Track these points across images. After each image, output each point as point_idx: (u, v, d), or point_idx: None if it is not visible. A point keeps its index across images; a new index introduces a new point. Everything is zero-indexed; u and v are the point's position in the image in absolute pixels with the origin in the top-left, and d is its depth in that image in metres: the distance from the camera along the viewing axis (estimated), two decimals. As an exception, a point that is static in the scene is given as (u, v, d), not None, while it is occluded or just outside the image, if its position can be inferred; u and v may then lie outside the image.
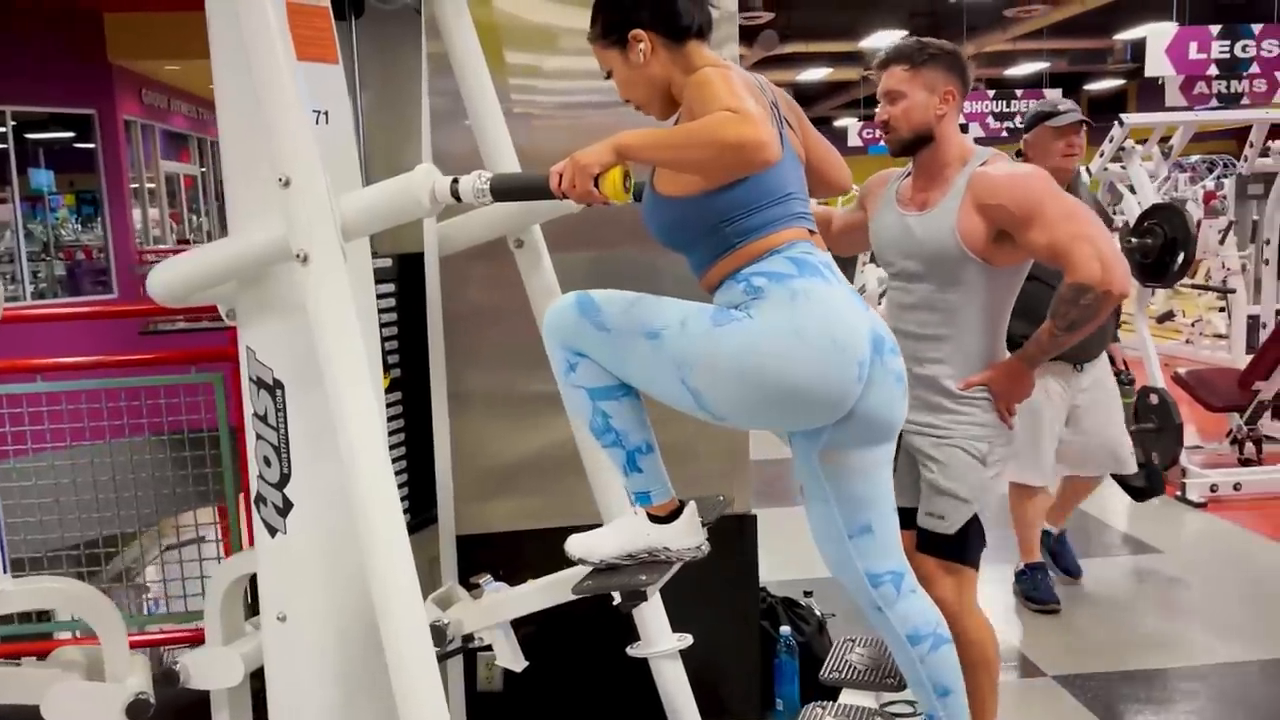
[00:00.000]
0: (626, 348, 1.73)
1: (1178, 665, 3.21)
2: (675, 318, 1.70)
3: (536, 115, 2.49)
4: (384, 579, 1.61)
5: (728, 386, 1.68)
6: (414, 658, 1.60)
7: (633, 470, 1.81)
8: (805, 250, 1.72)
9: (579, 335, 1.76)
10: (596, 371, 1.76)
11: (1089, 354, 3.44)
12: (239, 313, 1.86)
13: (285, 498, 1.84)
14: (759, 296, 1.67)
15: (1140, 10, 13.68)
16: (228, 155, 1.81)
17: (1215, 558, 4.26)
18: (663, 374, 1.71)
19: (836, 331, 1.65)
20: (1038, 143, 3.35)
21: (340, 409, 1.61)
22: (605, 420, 1.78)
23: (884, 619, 1.80)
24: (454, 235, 2.20)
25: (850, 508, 1.77)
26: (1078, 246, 2.13)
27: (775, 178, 1.71)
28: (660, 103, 1.80)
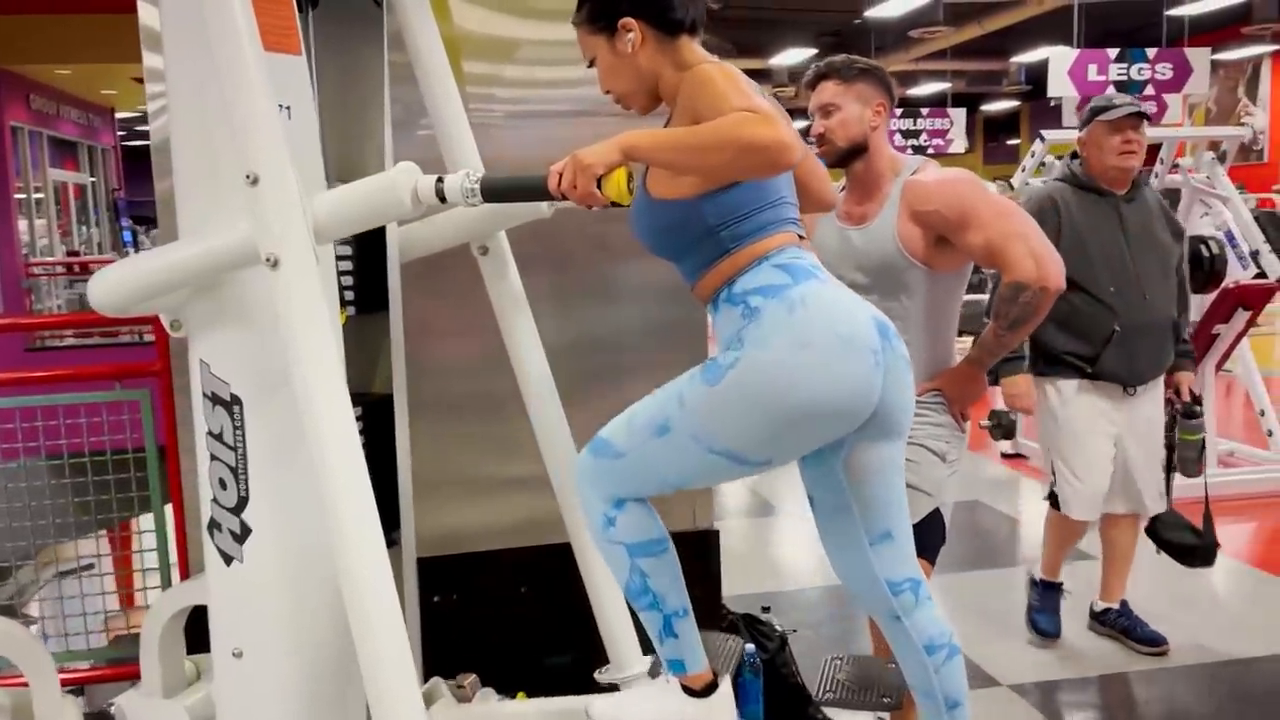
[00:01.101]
0: (648, 457, 1.67)
1: (1134, 669, 3.25)
2: (672, 403, 1.65)
3: (494, 125, 2.40)
4: (364, 606, 1.49)
5: (755, 430, 1.61)
6: (398, 692, 1.48)
7: (668, 636, 1.73)
8: (794, 255, 1.67)
9: (605, 476, 1.70)
10: (636, 524, 1.70)
11: (1138, 376, 3.12)
12: (190, 323, 1.72)
13: (243, 523, 1.70)
14: (755, 318, 1.61)
15: (1034, 35, 14.21)
16: (180, 152, 1.67)
17: (1147, 562, 4.35)
18: (693, 457, 1.64)
19: (841, 328, 1.60)
20: (1092, 140, 3.12)
21: (315, 426, 1.49)
22: (643, 581, 1.71)
23: (901, 629, 1.76)
24: (415, 240, 2.08)
25: (871, 514, 1.73)
26: (1012, 245, 2.20)
27: (771, 181, 1.66)
28: (644, 97, 1.73)
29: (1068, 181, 3.19)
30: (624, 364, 2.62)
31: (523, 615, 2.59)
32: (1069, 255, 2.80)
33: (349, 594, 1.48)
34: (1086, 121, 3.17)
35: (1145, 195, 3.22)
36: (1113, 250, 3.07)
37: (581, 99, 2.51)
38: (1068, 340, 2.97)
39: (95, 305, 1.70)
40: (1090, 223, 3.09)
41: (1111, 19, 13.13)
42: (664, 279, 2.61)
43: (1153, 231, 3.15)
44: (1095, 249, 3.05)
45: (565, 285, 2.52)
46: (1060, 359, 3.07)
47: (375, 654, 1.48)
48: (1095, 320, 3.04)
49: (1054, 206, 3.09)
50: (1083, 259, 3.00)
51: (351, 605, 1.49)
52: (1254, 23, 14.21)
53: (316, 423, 1.48)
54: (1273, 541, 4.63)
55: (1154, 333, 3.11)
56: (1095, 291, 3.03)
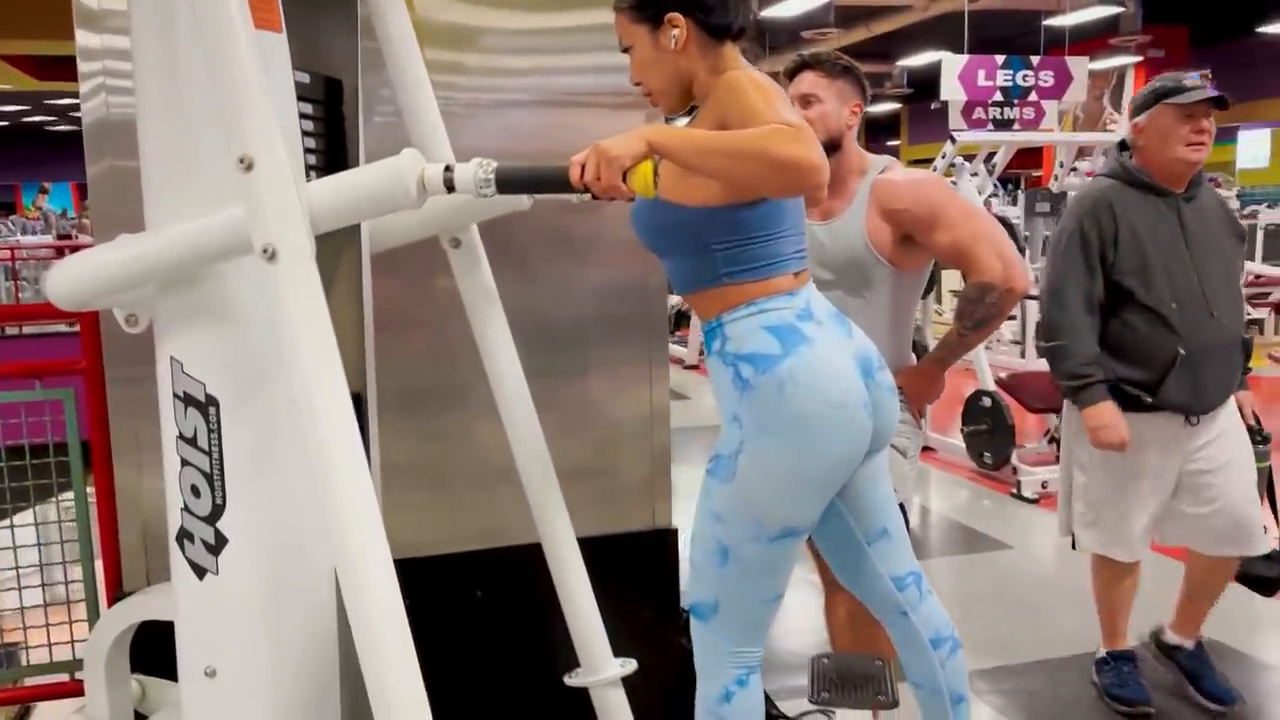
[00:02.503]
0: (735, 589, 1.70)
1: (1056, 656, 3.35)
2: (711, 526, 1.68)
3: (458, 114, 2.32)
4: (369, 616, 1.40)
5: (790, 499, 1.65)
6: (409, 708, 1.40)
7: None
8: (784, 305, 1.66)
9: (722, 635, 1.72)
10: (751, 708, 1.72)
11: (1205, 403, 2.68)
12: (161, 319, 1.59)
13: (218, 533, 1.59)
14: (747, 394, 1.64)
15: (918, 40, 14.70)
16: (149, 134, 1.54)
17: (1061, 551, 4.53)
18: (759, 559, 1.67)
19: (832, 394, 1.63)
20: (1156, 127, 2.64)
21: (317, 429, 1.39)
22: None
23: (908, 624, 1.77)
24: (385, 231, 1.97)
25: (865, 516, 1.75)
26: (979, 246, 2.24)
27: (778, 211, 1.65)
28: (675, 95, 1.69)
29: (1118, 178, 2.72)
30: (580, 361, 2.58)
31: (478, 621, 2.52)
32: (1124, 266, 2.63)
33: (353, 604, 1.39)
34: (1146, 105, 2.68)
35: (1204, 194, 2.75)
36: (1175, 259, 2.63)
37: (543, 88, 2.47)
38: (1122, 366, 2.64)
39: (55, 300, 1.55)
40: (1148, 227, 2.64)
41: (987, 27, 13.68)
42: (622, 275, 2.59)
43: (1216, 236, 2.71)
44: (1155, 258, 2.62)
45: (520, 280, 2.46)
46: (1116, 387, 2.66)
47: (381, 665, 1.40)
48: (1155, 342, 2.63)
49: (1108, 208, 2.66)
50: (1140, 271, 2.62)
51: (356, 616, 1.40)
52: (1121, 35, 15.02)
53: (319, 425, 1.38)
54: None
55: (1222, 354, 2.67)
56: (1156, 308, 2.62)
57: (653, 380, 2.62)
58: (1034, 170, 16.68)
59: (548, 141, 2.41)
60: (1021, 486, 5.10)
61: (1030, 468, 5.24)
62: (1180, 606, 2.98)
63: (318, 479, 1.39)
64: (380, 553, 1.40)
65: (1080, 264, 2.65)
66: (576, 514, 2.09)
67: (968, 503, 5.16)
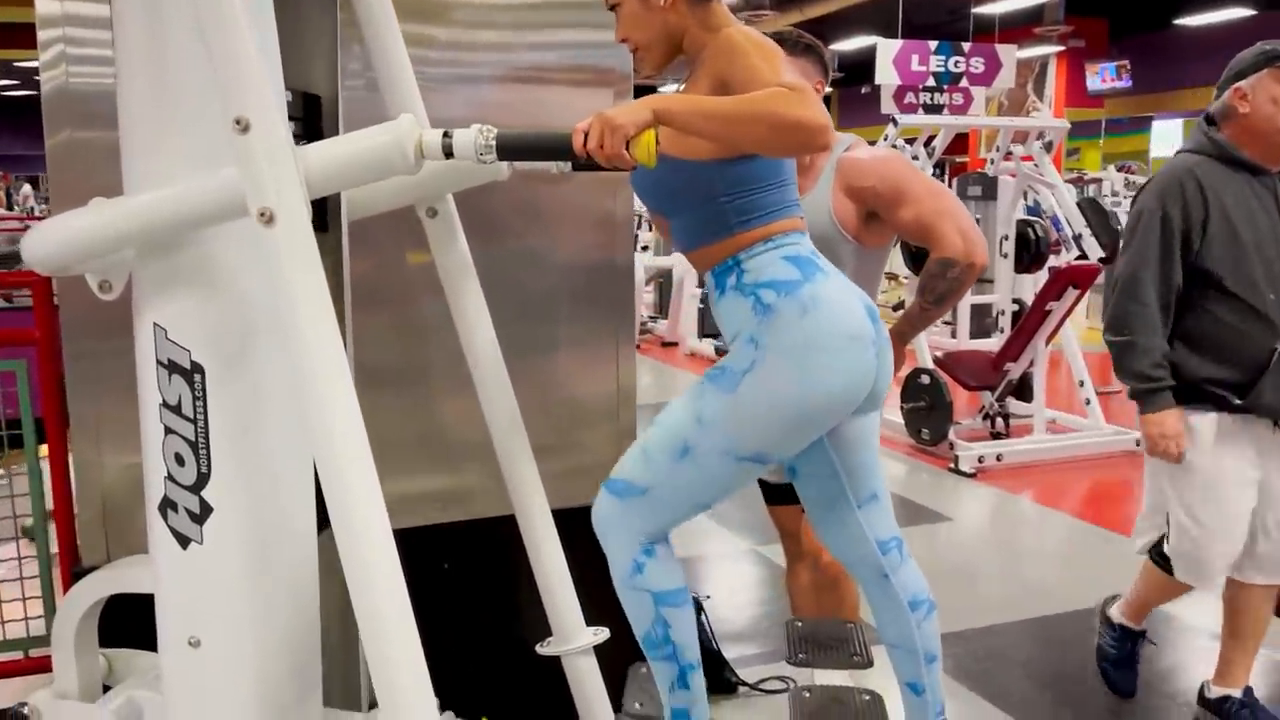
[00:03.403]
0: (675, 485, 1.67)
1: (997, 622, 3.47)
2: (688, 423, 1.65)
3: (432, 90, 2.30)
4: (371, 583, 1.40)
5: (776, 430, 1.64)
6: (409, 685, 1.41)
7: (680, 687, 1.73)
8: (796, 241, 1.70)
9: (635, 516, 1.69)
10: (665, 572, 1.69)
11: None
12: (142, 285, 1.55)
13: (203, 501, 1.57)
14: (769, 317, 1.64)
15: (851, 24, 14.87)
16: (131, 96, 1.50)
17: (998, 523, 4.69)
18: (719, 471, 1.66)
19: (850, 327, 1.65)
20: (1265, 93, 2.38)
21: (316, 396, 1.37)
22: (665, 631, 1.70)
23: (888, 586, 1.81)
24: (360, 200, 1.96)
25: (857, 479, 1.78)
26: (942, 222, 2.28)
27: (782, 160, 1.67)
28: (664, 52, 1.70)
29: (1205, 153, 2.47)
30: (548, 335, 2.58)
31: (446, 593, 2.52)
32: (1213, 251, 2.37)
33: (353, 570, 1.39)
34: (1253, 69, 2.41)
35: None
36: (1271, 244, 2.39)
37: (510, 63, 2.46)
38: (1208, 364, 2.39)
39: (33, 264, 1.51)
40: (1242, 209, 2.40)
41: (918, 13, 13.90)
42: (590, 253, 2.60)
43: None
44: (1250, 244, 2.38)
45: (489, 253, 2.45)
46: (1197, 388, 2.42)
47: (380, 628, 1.40)
48: (1249, 338, 2.38)
49: (1196, 186, 2.41)
50: (1233, 257, 2.38)
51: (355, 581, 1.39)
52: (1045, 24, 15.40)
53: (319, 392, 1.37)
54: (1093, 498, 5.06)
55: None
56: (1251, 300, 2.37)
57: (619, 358, 2.64)
58: (959, 156, 17.04)
59: (515, 117, 2.41)
60: (959, 461, 5.25)
61: (967, 443, 5.40)
62: (1224, 655, 2.69)
63: (317, 446, 1.38)
64: (380, 519, 1.40)
65: (1159, 249, 2.40)
66: (547, 488, 2.10)
67: (907, 477, 5.30)
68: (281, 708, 1.67)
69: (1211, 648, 3.27)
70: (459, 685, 2.18)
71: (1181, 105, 17.84)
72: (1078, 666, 3.13)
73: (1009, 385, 5.55)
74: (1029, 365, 5.48)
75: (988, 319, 7.16)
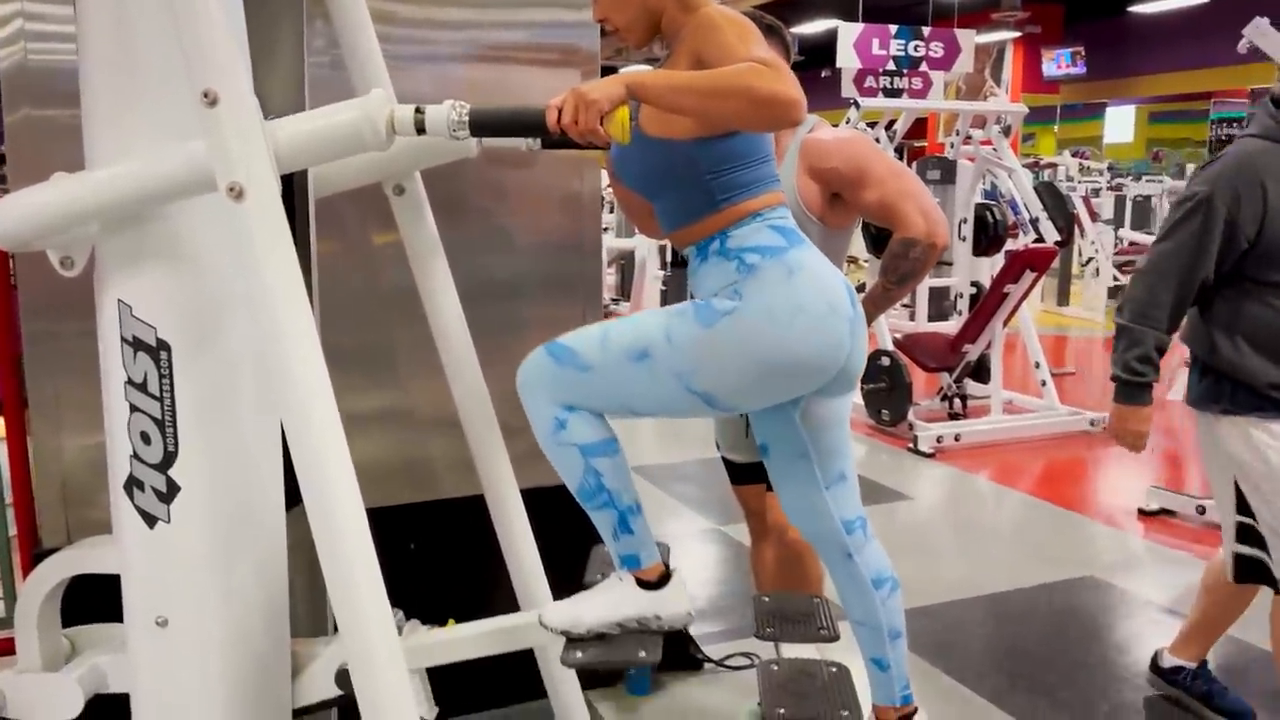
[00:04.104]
0: (617, 379, 1.63)
1: (956, 598, 3.53)
2: (657, 334, 1.63)
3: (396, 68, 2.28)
4: (342, 558, 1.40)
5: (736, 378, 1.62)
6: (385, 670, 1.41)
7: (624, 533, 1.70)
8: (784, 216, 1.70)
9: (563, 384, 1.64)
10: (588, 426, 1.65)
11: None
12: (106, 261, 1.53)
13: (170, 480, 1.55)
14: (753, 275, 1.63)
15: (810, 7, 14.89)
16: (94, 69, 1.47)
17: (956, 501, 4.76)
18: (664, 390, 1.63)
19: (831, 297, 1.65)
20: None
21: (287, 372, 1.37)
22: (598, 480, 1.67)
23: (853, 565, 1.83)
24: (325, 177, 1.94)
25: (827, 459, 1.78)
26: (904, 203, 2.30)
27: (763, 136, 1.67)
28: (643, 30, 1.70)
29: (1272, 138, 2.28)
30: (516, 315, 2.58)
31: (413, 573, 2.51)
32: (1273, 243, 2.22)
33: (324, 544, 1.39)
34: None
35: None
36: None
37: (476, 42, 2.45)
38: (1269, 364, 2.24)
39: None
40: None
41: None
42: (559, 231, 2.60)
43: None
44: None
45: (457, 233, 2.44)
46: (1270, 394, 2.27)
47: (352, 601, 1.41)
48: None
49: (1254, 174, 2.23)
50: None
51: (327, 556, 1.39)
52: (1002, 10, 15.55)
53: (290, 368, 1.36)
54: (1047, 477, 5.16)
55: None
56: None
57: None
58: (918, 140, 17.18)
59: (481, 96, 2.39)
60: (918, 441, 5.32)
61: (925, 424, 5.47)
62: (1191, 631, 2.72)
63: (289, 422, 1.38)
64: (352, 493, 1.40)
65: (1194, 243, 2.27)
66: (516, 467, 2.10)
67: (867, 457, 5.36)
68: (250, 686, 1.67)
69: (1163, 620, 3.37)
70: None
71: (1135, 92, 18.12)
72: (1032, 640, 3.20)
73: (967, 366, 5.63)
74: (986, 347, 5.56)
75: (946, 301, 7.25)
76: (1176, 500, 4.35)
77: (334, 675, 1.75)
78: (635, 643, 1.70)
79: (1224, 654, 3.14)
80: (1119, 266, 10.42)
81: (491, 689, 2.69)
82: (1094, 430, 5.70)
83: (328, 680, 1.76)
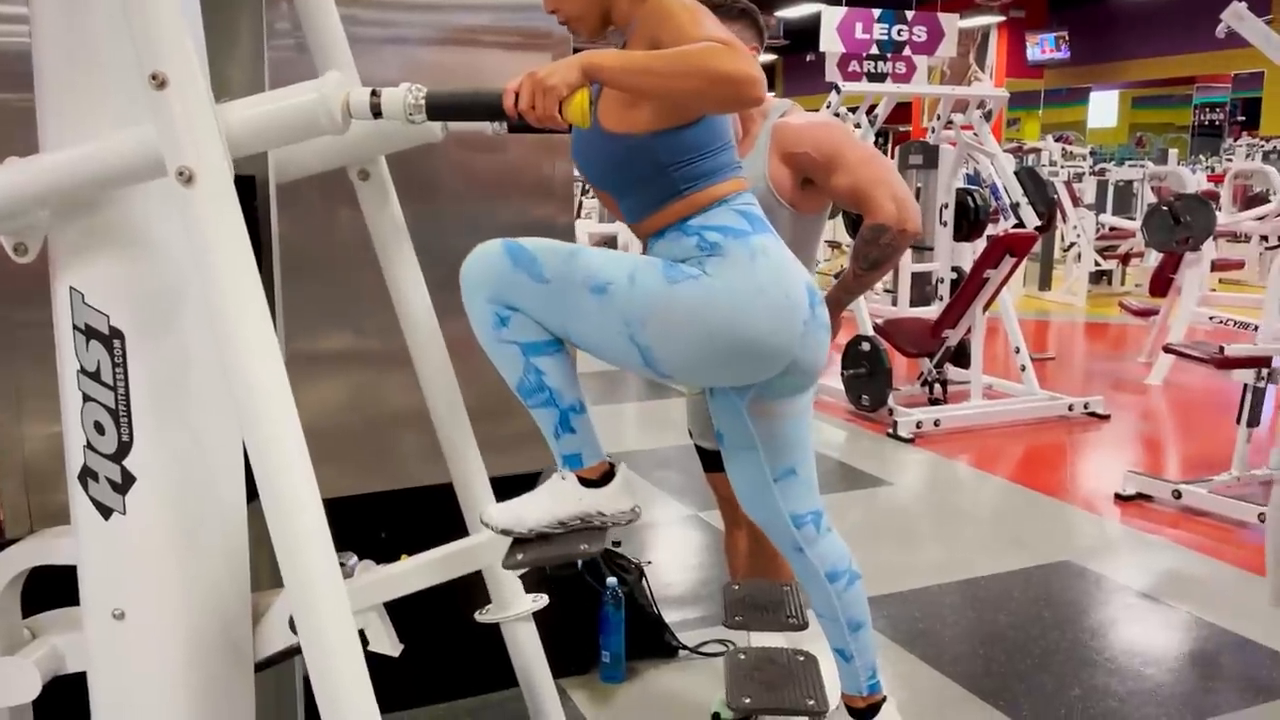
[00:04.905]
0: (568, 301, 1.60)
1: (934, 584, 3.54)
2: (622, 271, 1.60)
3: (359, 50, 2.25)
4: (299, 550, 1.38)
5: (682, 344, 1.60)
6: (342, 659, 1.39)
7: (565, 431, 1.68)
8: (748, 202, 1.68)
9: (512, 287, 1.61)
10: (530, 325, 1.63)
11: None
12: (58, 247, 1.49)
13: (125, 471, 1.52)
14: (716, 253, 1.61)
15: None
16: (46, 50, 1.43)
17: (936, 487, 4.77)
18: (608, 329, 1.60)
19: (790, 288, 1.63)
20: None
21: (242, 362, 1.34)
22: (539, 378, 1.64)
23: (804, 559, 1.81)
24: (287, 162, 1.90)
25: (775, 452, 1.76)
26: (876, 189, 2.27)
27: (721, 123, 1.66)
28: (595, 21, 1.67)
29: None
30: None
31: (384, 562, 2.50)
32: None
33: (280, 537, 1.37)
34: None
35: None
36: None
37: (443, 24, 2.41)
38: None
39: (-55, 223, 1.45)
40: None
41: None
42: (530, 214, 2.56)
43: None
44: None
45: (425, 216, 2.41)
46: None
47: (310, 597, 1.38)
48: None
49: None
50: None
51: (283, 549, 1.37)
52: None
53: (242, 359, 1.34)
54: (1026, 462, 5.17)
55: None
56: None
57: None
58: (903, 125, 17.17)
59: (450, 79, 2.35)
60: (898, 426, 5.32)
61: (905, 409, 5.47)
62: None
63: (243, 415, 1.35)
64: (308, 485, 1.38)
65: None
66: (486, 456, 2.08)
67: (847, 442, 5.37)
68: (211, 680, 1.64)
69: (1138, 605, 3.39)
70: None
71: (1118, 77, 18.15)
72: (1007, 625, 3.21)
73: (947, 352, 5.63)
74: (966, 332, 5.55)
75: (928, 287, 7.25)
76: (1153, 485, 4.36)
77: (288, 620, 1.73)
78: (578, 538, 1.70)
79: (1218, 645, 3.16)
80: (1100, 251, 10.44)
81: (464, 678, 2.68)
82: (1072, 414, 5.72)
83: (284, 627, 1.74)
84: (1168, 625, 3.26)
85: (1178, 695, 2.79)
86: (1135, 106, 20.27)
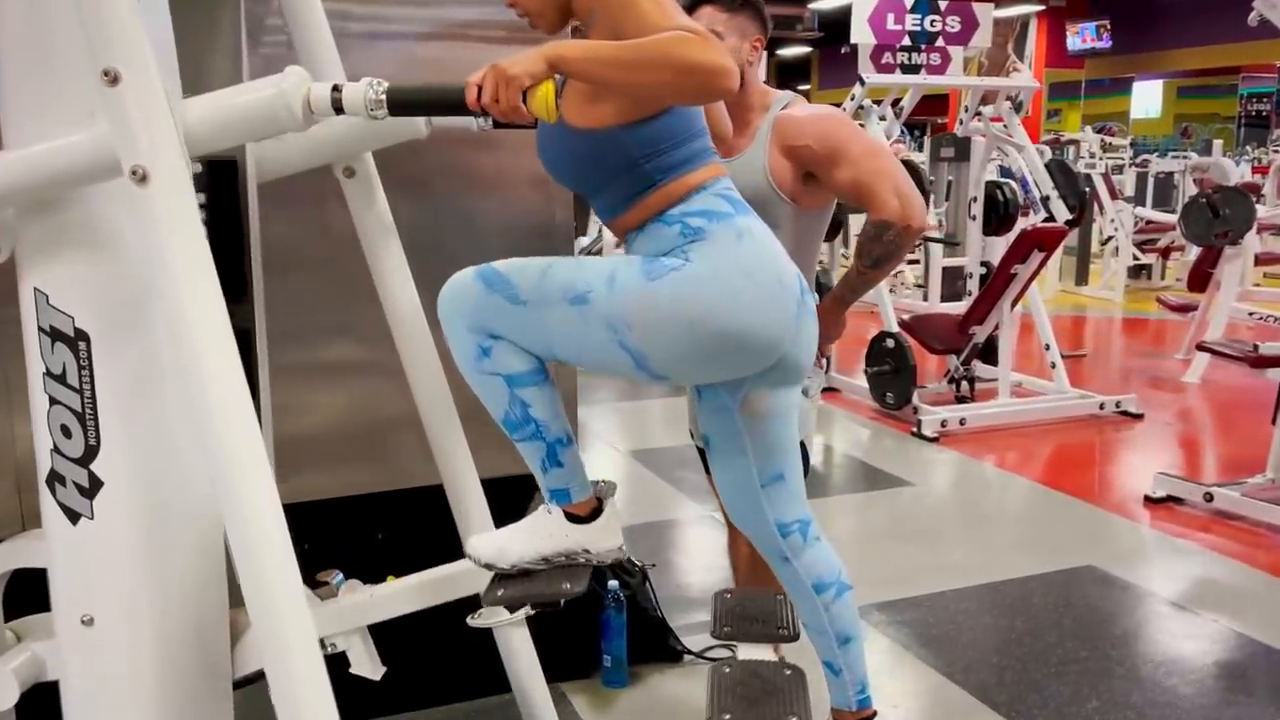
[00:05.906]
0: (549, 318, 1.55)
1: (954, 588, 3.45)
2: (600, 277, 1.54)
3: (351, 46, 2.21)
4: (258, 566, 1.34)
5: (673, 341, 1.53)
6: (300, 660, 1.35)
7: (552, 465, 1.63)
8: (728, 186, 1.62)
9: (490, 313, 1.56)
10: (513, 354, 1.58)
11: None
12: (22, 247, 1.47)
13: (92, 475, 1.50)
14: (699, 238, 1.54)
15: (830, -18, 14.64)
16: (4, 46, 1.41)
17: (958, 487, 4.67)
18: (594, 338, 1.54)
19: (780, 270, 1.57)
20: None
21: (199, 365, 1.31)
22: (524, 410, 1.59)
23: (790, 569, 1.75)
24: (272, 159, 1.87)
25: (764, 456, 1.70)
26: (879, 183, 2.20)
27: (692, 111, 1.59)
28: (555, 14, 1.61)
29: None
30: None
31: (379, 563, 2.47)
32: None
33: (239, 549, 1.34)
34: None
35: None
36: None
37: (435, 19, 2.37)
38: None
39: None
40: None
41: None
42: (527, 209, 2.52)
43: None
44: None
45: (414, 214, 2.37)
46: None
47: (267, 606, 1.35)
48: None
49: None
50: None
51: (242, 562, 1.34)
52: (1025, -17, 15.26)
53: (199, 361, 1.30)
54: (1054, 463, 5.05)
55: None
56: None
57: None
58: (939, 117, 16.94)
59: (444, 74, 2.32)
60: (922, 425, 5.22)
61: (931, 407, 5.37)
62: None
63: (199, 420, 1.32)
64: (267, 493, 1.34)
65: None
66: (476, 457, 2.04)
67: (870, 441, 5.28)
68: (184, 692, 1.62)
69: (1164, 613, 3.28)
70: (387, 653, 2.14)
71: (1162, 66, 17.77)
72: (1025, 633, 3.12)
73: (974, 348, 5.52)
74: (994, 328, 5.44)
75: (959, 281, 7.13)
76: (1184, 487, 4.24)
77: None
78: (561, 576, 1.66)
79: (1247, 656, 3.06)
80: (1139, 245, 10.21)
81: (461, 682, 2.65)
82: (1103, 414, 5.58)
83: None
84: (1193, 633, 3.15)
85: (1201, 708, 2.69)
86: (1180, 97, 19.84)
